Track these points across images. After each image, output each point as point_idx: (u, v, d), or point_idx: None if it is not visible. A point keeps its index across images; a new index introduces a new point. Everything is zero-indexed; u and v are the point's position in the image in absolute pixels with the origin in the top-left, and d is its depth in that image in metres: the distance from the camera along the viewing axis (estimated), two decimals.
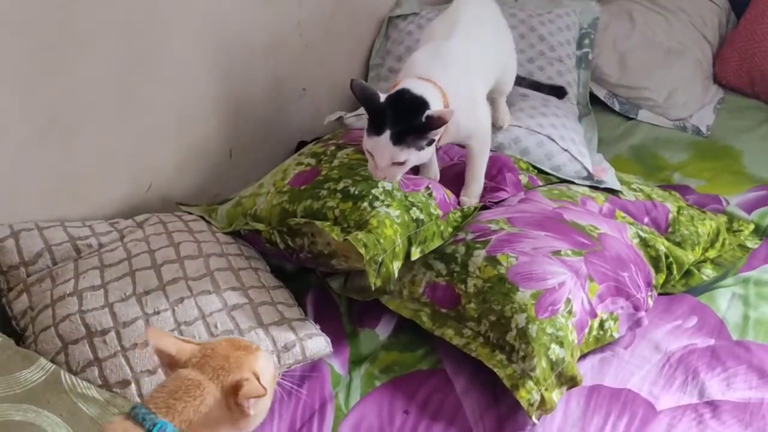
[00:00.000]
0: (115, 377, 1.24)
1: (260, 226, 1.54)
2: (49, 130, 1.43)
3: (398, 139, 1.39)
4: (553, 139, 1.88)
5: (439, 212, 1.54)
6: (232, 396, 0.93)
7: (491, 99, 1.74)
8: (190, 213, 1.67)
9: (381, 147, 1.41)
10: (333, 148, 1.65)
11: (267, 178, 1.67)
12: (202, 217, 1.64)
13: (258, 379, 0.95)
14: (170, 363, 0.97)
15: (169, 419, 0.90)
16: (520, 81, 1.94)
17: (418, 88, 1.43)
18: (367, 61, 2.28)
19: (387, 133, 1.39)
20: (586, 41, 2.28)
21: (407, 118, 1.40)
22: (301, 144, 1.94)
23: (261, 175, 1.72)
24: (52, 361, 1.25)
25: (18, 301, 1.38)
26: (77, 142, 1.50)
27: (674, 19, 2.51)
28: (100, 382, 1.24)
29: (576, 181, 1.83)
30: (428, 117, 1.38)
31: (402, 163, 1.43)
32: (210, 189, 1.86)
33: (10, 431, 1.08)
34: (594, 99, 2.33)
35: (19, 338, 1.35)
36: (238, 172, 1.91)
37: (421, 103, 1.41)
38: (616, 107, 2.39)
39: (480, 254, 1.46)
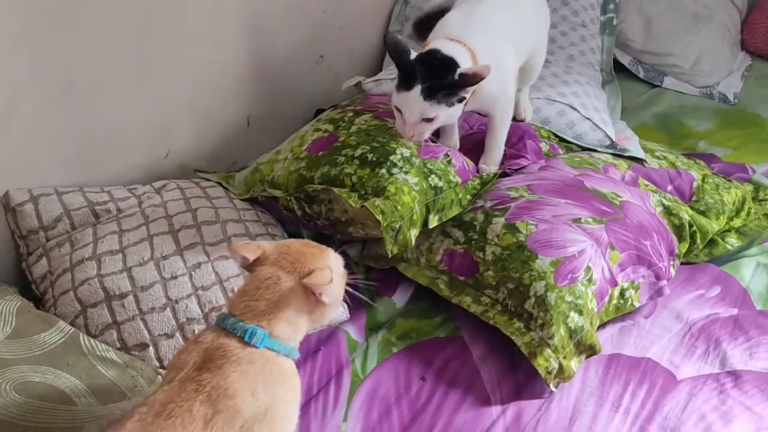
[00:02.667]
0: (133, 340, 1.25)
1: (277, 193, 1.53)
2: (65, 96, 1.43)
3: (429, 94, 1.39)
4: (574, 108, 1.84)
5: (458, 180, 1.52)
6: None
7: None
8: (208, 180, 1.67)
9: (411, 102, 1.41)
10: (351, 114, 1.63)
11: (284, 144, 1.66)
12: (220, 184, 1.64)
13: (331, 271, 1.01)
14: (256, 263, 1.02)
15: (255, 322, 0.97)
16: None
17: (448, 48, 1.42)
18: (386, 27, 2.25)
19: (417, 88, 1.39)
20: (611, 6, 2.23)
21: (438, 75, 1.39)
22: (319, 112, 1.92)
23: (278, 142, 1.70)
24: (71, 324, 1.26)
25: (37, 266, 1.39)
26: (94, 109, 1.50)
27: None
28: (118, 345, 1.25)
29: (599, 149, 1.80)
30: (462, 74, 1.37)
31: (431, 120, 1.43)
32: (227, 156, 1.85)
33: (29, 392, 1.09)
34: (618, 66, 2.29)
35: (38, 302, 1.36)
36: (255, 139, 1.91)
37: (451, 63, 1.40)
38: (641, 74, 2.34)
39: (499, 222, 1.44)
